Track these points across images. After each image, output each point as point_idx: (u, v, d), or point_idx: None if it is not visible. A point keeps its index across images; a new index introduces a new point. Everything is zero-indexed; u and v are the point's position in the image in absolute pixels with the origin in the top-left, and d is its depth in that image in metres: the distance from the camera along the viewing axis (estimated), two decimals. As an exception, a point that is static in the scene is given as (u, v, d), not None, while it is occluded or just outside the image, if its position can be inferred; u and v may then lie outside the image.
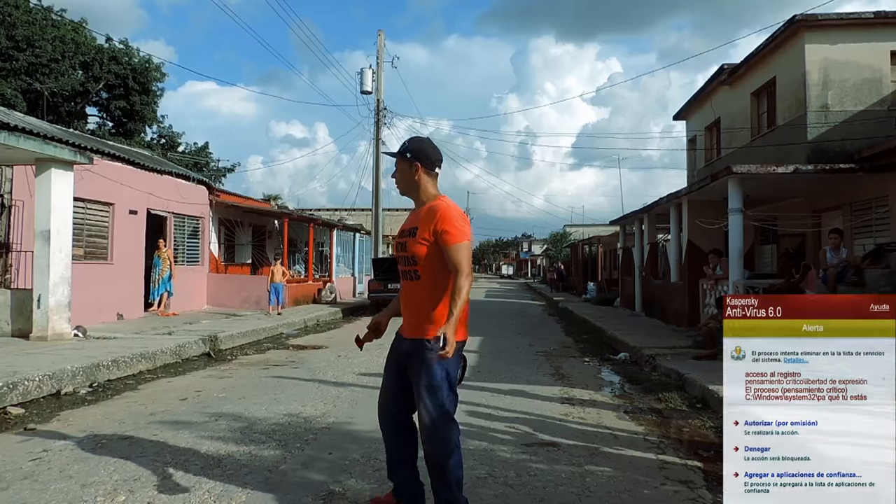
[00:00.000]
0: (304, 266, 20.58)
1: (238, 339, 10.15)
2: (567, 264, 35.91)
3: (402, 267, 2.94)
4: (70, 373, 6.35)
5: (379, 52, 23.11)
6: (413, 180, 2.93)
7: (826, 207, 11.69)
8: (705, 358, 7.75)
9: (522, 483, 3.63)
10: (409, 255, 2.87)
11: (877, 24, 11.59)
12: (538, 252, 69.46)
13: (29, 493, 3.40)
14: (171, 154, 26.48)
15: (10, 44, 22.31)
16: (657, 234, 16.91)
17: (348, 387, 6.54)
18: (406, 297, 2.95)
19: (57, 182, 8.78)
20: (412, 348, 2.85)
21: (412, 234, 2.86)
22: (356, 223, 27.24)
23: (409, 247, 2.85)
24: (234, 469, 3.82)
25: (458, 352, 2.77)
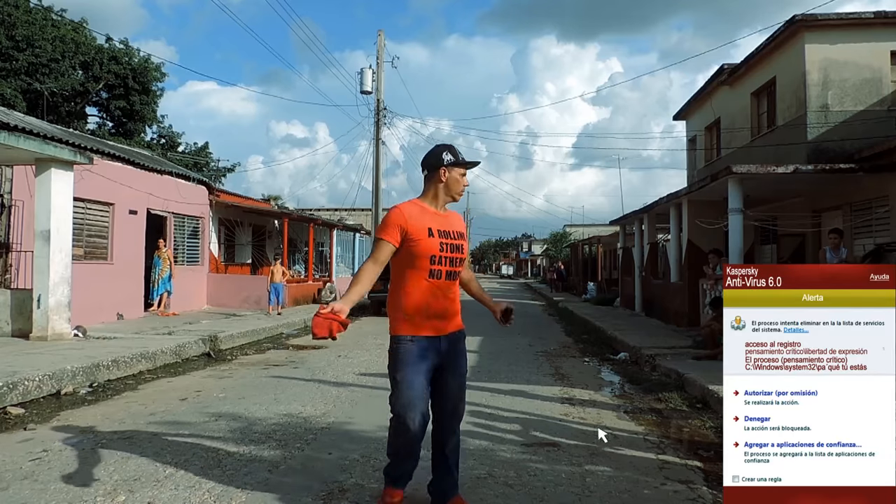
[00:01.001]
0: (304, 266, 20.58)
1: (238, 339, 10.15)
2: (567, 264, 35.91)
3: (449, 268, 3.04)
4: (70, 373, 6.35)
5: (379, 52, 23.12)
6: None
7: (826, 207, 11.69)
8: (705, 358, 7.75)
9: (522, 483, 3.63)
10: (462, 258, 3.12)
11: (877, 24, 11.59)
12: (538, 252, 69.49)
13: (29, 493, 3.40)
14: (171, 154, 26.47)
15: (10, 44, 22.31)
16: (657, 234, 16.91)
17: (348, 387, 6.53)
18: (450, 297, 3.09)
19: (57, 182, 8.78)
20: (457, 339, 3.11)
21: (463, 238, 3.14)
22: (356, 223, 27.25)
23: (465, 250, 3.14)
24: (234, 469, 3.81)
25: None
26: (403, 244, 2.95)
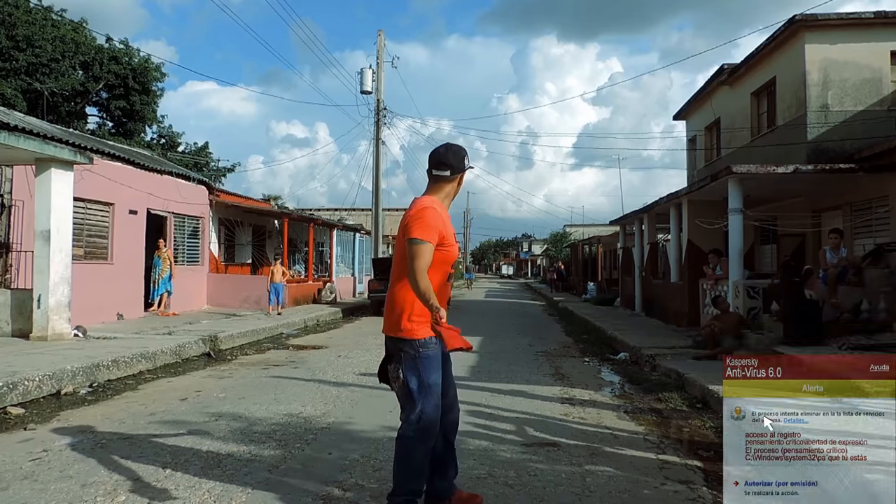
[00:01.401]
0: (304, 266, 20.58)
1: (238, 339, 10.15)
2: (567, 264, 35.91)
3: (449, 269, 3.06)
4: (70, 373, 6.35)
5: (379, 52, 23.12)
6: None
7: (826, 207, 11.69)
8: (705, 358, 7.76)
9: (522, 483, 3.63)
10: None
11: (877, 24, 11.59)
12: (538, 252, 69.51)
13: (29, 493, 3.40)
14: (171, 154, 26.48)
15: (10, 44, 22.31)
16: (657, 234, 16.90)
17: (348, 387, 6.54)
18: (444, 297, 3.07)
19: (57, 182, 8.78)
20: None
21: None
22: (356, 223, 27.24)
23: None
24: (234, 469, 3.82)
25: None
26: (435, 248, 2.86)
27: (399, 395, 2.98)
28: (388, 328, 3.01)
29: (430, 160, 3.07)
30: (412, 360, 2.90)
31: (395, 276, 3.03)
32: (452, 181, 3.05)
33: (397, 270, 3.02)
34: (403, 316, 2.92)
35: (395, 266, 3.06)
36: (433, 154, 3.06)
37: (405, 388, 2.91)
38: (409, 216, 2.92)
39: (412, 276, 2.77)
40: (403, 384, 2.91)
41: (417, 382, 2.89)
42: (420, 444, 2.90)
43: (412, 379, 2.89)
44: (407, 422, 2.92)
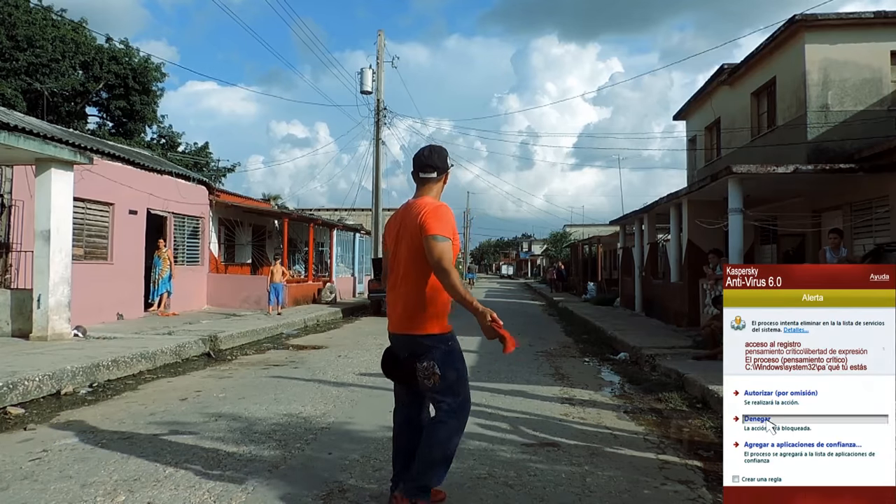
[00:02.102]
0: (304, 266, 20.58)
1: (238, 339, 10.15)
2: (567, 264, 35.91)
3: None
4: (70, 373, 6.35)
5: (379, 52, 23.12)
6: None
7: (826, 207, 11.69)
8: (705, 358, 7.75)
9: (522, 483, 3.63)
10: None
11: (877, 24, 11.59)
12: (538, 252, 69.52)
13: (29, 493, 3.40)
14: (171, 154, 26.48)
15: (10, 44, 22.32)
16: (657, 234, 16.91)
17: (348, 387, 6.54)
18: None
19: (57, 182, 8.78)
20: None
21: None
22: (356, 223, 27.24)
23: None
24: (234, 469, 3.81)
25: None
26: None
27: (433, 389, 2.98)
28: (408, 327, 3.01)
29: (415, 163, 3.13)
30: (446, 355, 2.98)
31: (404, 275, 3.02)
32: (439, 181, 3.14)
33: (405, 268, 3.02)
34: (426, 313, 2.98)
35: (402, 264, 3.03)
36: (418, 158, 3.11)
37: (443, 382, 2.96)
38: (423, 213, 2.94)
39: (444, 274, 2.83)
40: (441, 378, 2.95)
41: (456, 374, 3.00)
42: (461, 429, 3.05)
43: (450, 372, 2.98)
44: (448, 410, 3.00)
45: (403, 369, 3.06)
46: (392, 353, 3.15)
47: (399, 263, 3.07)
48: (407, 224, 3.00)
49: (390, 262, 3.15)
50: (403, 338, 3.05)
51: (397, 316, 3.07)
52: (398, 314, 3.06)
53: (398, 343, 3.11)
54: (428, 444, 2.98)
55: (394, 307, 3.10)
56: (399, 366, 3.09)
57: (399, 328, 3.06)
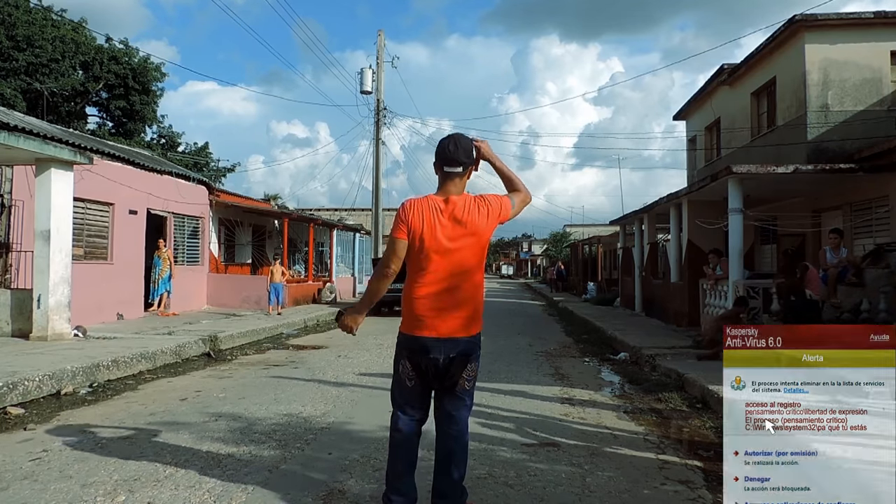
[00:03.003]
0: (304, 266, 20.58)
1: (238, 339, 10.15)
2: (567, 264, 35.90)
3: None
4: (70, 373, 6.35)
5: (379, 52, 23.13)
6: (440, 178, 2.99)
7: (826, 207, 11.69)
8: (708, 358, 7.75)
9: (522, 483, 3.63)
10: None
11: (877, 24, 11.59)
12: (538, 252, 69.49)
13: (29, 493, 3.40)
14: (171, 154, 26.49)
15: (10, 44, 22.32)
16: (657, 234, 16.91)
17: (348, 387, 6.54)
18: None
19: (57, 182, 8.78)
20: None
21: None
22: (356, 223, 27.24)
23: None
24: (234, 469, 3.81)
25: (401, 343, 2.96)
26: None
27: (467, 390, 2.94)
28: (469, 329, 2.85)
29: (440, 156, 2.91)
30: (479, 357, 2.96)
31: (468, 275, 2.84)
32: (465, 176, 2.95)
33: (470, 268, 2.84)
34: (480, 313, 2.92)
35: (464, 264, 2.83)
36: (443, 150, 2.90)
37: (473, 382, 2.96)
38: (492, 206, 2.88)
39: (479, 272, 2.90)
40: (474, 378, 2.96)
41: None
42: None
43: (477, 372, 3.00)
44: (469, 408, 3.00)
45: (451, 374, 2.86)
46: (432, 361, 2.83)
47: (454, 264, 2.80)
48: (468, 222, 2.80)
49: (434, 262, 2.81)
50: (460, 341, 2.82)
51: (460, 320, 2.81)
52: (463, 318, 2.82)
53: (447, 347, 2.81)
54: (462, 447, 2.95)
55: (453, 310, 2.81)
56: (447, 371, 2.85)
57: (458, 331, 2.81)
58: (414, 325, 2.85)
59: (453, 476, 2.91)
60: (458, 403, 2.94)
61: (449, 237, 2.80)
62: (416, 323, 2.84)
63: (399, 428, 2.94)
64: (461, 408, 2.96)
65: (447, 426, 2.96)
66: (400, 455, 2.94)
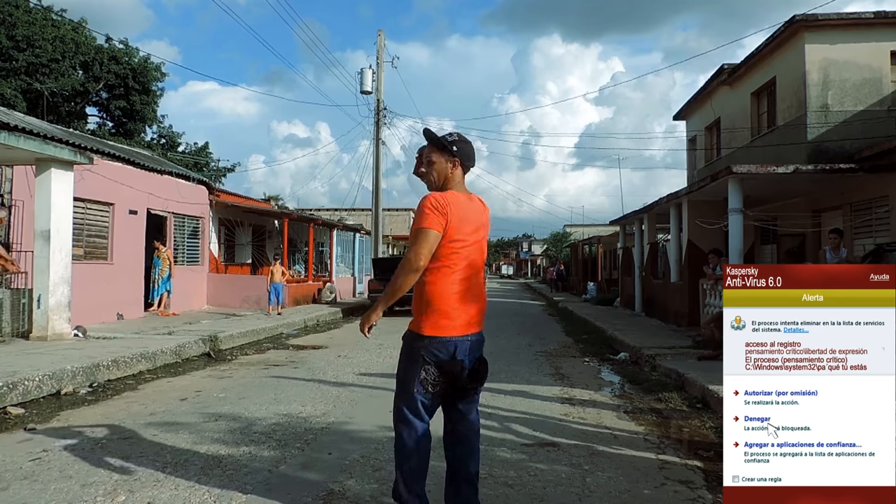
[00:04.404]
0: (304, 266, 20.58)
1: (238, 339, 10.15)
2: (567, 264, 35.91)
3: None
4: (70, 373, 6.35)
5: (379, 52, 23.12)
6: (448, 175, 2.94)
7: (826, 207, 11.69)
8: (709, 358, 7.75)
9: (522, 483, 3.63)
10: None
11: (877, 24, 11.59)
12: (538, 252, 69.53)
13: (29, 493, 3.40)
14: (171, 154, 26.49)
15: (10, 44, 22.31)
16: (657, 234, 16.91)
17: (348, 387, 6.54)
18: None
19: (57, 182, 8.78)
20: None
21: None
22: (356, 223, 27.23)
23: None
24: (233, 469, 3.82)
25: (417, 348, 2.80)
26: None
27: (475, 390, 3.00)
28: (481, 322, 2.98)
29: (468, 156, 2.96)
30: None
31: (482, 267, 2.96)
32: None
33: (483, 259, 2.98)
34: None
35: (483, 255, 2.97)
36: (471, 151, 2.98)
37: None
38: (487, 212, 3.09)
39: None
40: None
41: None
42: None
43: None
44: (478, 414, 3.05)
45: (480, 374, 2.95)
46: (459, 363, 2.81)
47: (477, 259, 2.90)
48: (484, 222, 3.00)
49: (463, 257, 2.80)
50: (482, 337, 2.98)
51: (482, 315, 2.95)
52: (482, 312, 2.96)
53: (475, 345, 2.89)
54: (478, 441, 3.02)
55: (478, 304, 2.89)
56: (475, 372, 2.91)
57: (480, 325, 2.95)
58: (446, 325, 2.76)
59: (473, 470, 2.95)
60: (471, 401, 3.00)
61: (472, 231, 2.87)
62: (448, 322, 2.76)
63: (420, 438, 2.82)
64: (473, 403, 3.02)
65: (462, 426, 2.94)
66: (426, 462, 2.87)
